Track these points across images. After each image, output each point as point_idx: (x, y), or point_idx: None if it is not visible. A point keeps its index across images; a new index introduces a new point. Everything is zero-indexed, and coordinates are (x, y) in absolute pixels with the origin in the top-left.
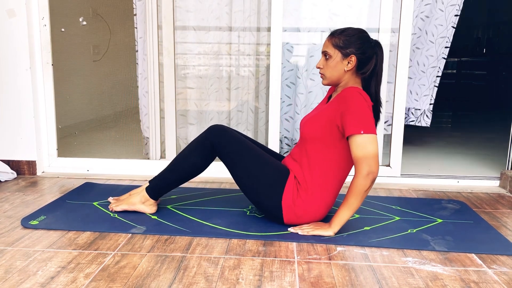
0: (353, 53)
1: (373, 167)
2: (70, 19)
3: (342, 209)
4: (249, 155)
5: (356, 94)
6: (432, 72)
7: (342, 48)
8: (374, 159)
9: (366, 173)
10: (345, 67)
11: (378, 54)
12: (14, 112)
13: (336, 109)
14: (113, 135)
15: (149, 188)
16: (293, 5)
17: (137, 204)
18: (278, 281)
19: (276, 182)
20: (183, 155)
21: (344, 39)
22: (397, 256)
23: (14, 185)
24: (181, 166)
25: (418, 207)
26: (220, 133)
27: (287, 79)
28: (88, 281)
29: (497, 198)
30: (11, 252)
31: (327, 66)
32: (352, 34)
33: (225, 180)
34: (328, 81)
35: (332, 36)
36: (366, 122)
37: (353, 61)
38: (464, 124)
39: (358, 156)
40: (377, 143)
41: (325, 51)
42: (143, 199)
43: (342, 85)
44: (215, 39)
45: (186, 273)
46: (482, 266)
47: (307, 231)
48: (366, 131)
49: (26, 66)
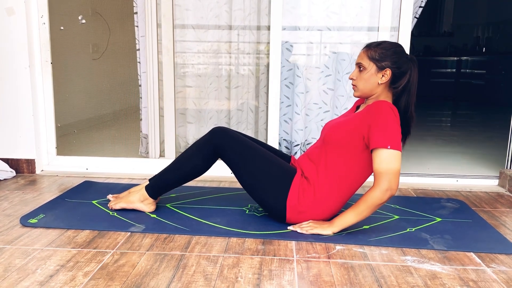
0: (388, 66)
1: (393, 184)
2: (69, 17)
3: (348, 213)
4: (254, 155)
5: (387, 108)
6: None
7: (377, 61)
8: (396, 176)
9: (386, 189)
10: (379, 80)
11: (412, 70)
12: (13, 111)
13: (365, 120)
14: (112, 133)
15: (148, 187)
16: (292, 3)
17: (135, 202)
18: (277, 280)
19: (282, 181)
20: (185, 156)
21: (380, 52)
22: (396, 255)
23: (13, 184)
24: (182, 167)
25: (417, 206)
26: (223, 135)
27: (286, 78)
28: (87, 279)
29: (496, 197)
30: (10, 251)
31: (360, 78)
32: (388, 47)
33: (224, 179)
34: (360, 93)
35: (368, 48)
36: (394, 138)
37: (387, 74)
38: (463, 123)
39: (380, 170)
40: (400, 160)
41: (359, 63)
42: (142, 198)
43: (373, 98)
44: (214, 38)
45: (185, 272)
46: (480, 265)
47: (306, 230)
48: (392, 147)
49: (25, 64)
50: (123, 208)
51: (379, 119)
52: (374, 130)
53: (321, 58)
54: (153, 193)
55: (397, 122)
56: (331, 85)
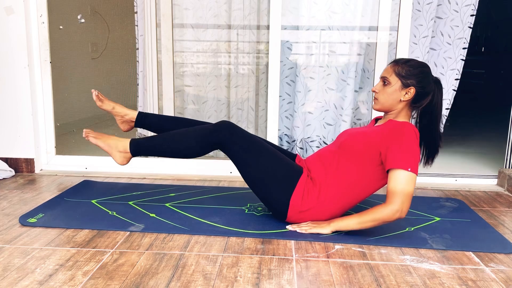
0: (413, 85)
1: (405, 206)
2: (68, 16)
3: (351, 218)
4: (261, 151)
5: (412, 132)
6: (451, 75)
7: (403, 77)
8: (409, 199)
9: (397, 209)
10: (402, 97)
11: (435, 92)
12: (12, 110)
13: (386, 138)
14: (111, 133)
15: (134, 142)
16: (292, 3)
17: (113, 148)
18: (276, 279)
19: (288, 179)
20: (184, 134)
21: (407, 70)
22: (395, 254)
23: (12, 183)
24: (177, 142)
25: (416, 205)
26: (231, 130)
27: (287, 77)
28: (86, 278)
29: (495, 196)
30: (9, 250)
31: (383, 91)
32: (416, 66)
33: (223, 178)
34: (380, 106)
35: (395, 64)
36: (415, 162)
37: (411, 92)
38: (462, 122)
39: (396, 190)
40: (412, 184)
41: (385, 77)
42: (121, 148)
43: (393, 113)
44: (213, 37)
45: (184, 271)
46: (479, 264)
47: (305, 229)
48: (412, 170)
49: (24, 63)
50: (97, 145)
51: (402, 141)
52: (396, 150)
53: (321, 57)
54: (136, 150)
55: (418, 146)
56: (332, 84)
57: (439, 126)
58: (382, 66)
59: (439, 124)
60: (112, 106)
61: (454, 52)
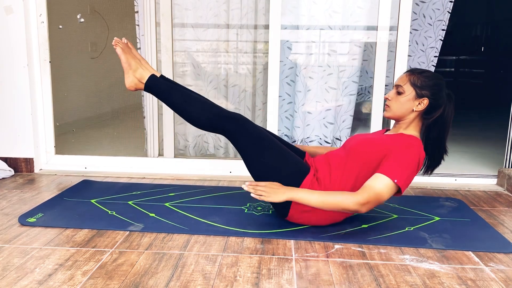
0: (427, 96)
1: (369, 205)
2: (67, 16)
3: (313, 194)
4: (268, 148)
5: (416, 149)
6: (430, 52)
7: (418, 88)
8: (377, 201)
9: (360, 202)
10: (415, 107)
11: (447, 105)
12: (12, 110)
13: (390, 146)
14: (111, 132)
15: (153, 78)
16: (292, 2)
17: (131, 70)
18: (276, 279)
19: (294, 178)
20: (201, 103)
21: (422, 80)
22: (394, 254)
23: (12, 183)
24: (191, 105)
25: (415, 205)
26: (241, 122)
27: (287, 76)
28: (85, 278)
29: (495, 196)
30: (8, 250)
31: (396, 100)
32: (431, 77)
33: (223, 178)
34: (391, 114)
35: (411, 73)
36: (404, 177)
37: (424, 103)
38: (462, 122)
39: (371, 187)
40: (390, 193)
41: (399, 85)
42: (138, 75)
43: (404, 123)
44: (213, 37)
45: (183, 271)
46: (479, 264)
47: (258, 196)
48: (398, 183)
49: (23, 63)
50: (119, 57)
51: (403, 154)
52: (393, 160)
53: (321, 57)
54: (150, 86)
55: (418, 166)
56: (332, 83)
57: (446, 140)
58: (382, 66)
59: (447, 137)
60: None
61: (434, 32)
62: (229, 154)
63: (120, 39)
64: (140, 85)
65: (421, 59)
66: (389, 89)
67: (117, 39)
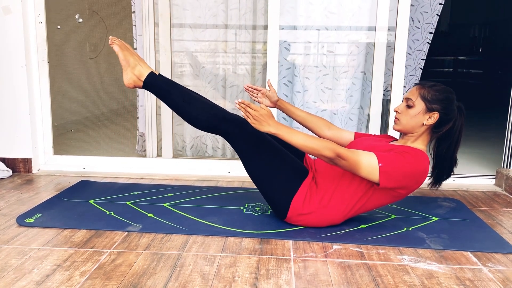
0: (437, 110)
1: (343, 164)
2: (66, 16)
3: (299, 135)
4: (266, 150)
5: (421, 163)
6: (417, 55)
7: (428, 101)
8: (350, 166)
9: (340, 156)
10: (425, 121)
11: (457, 119)
12: (10, 110)
13: (395, 150)
14: (109, 132)
15: (153, 75)
16: (290, 3)
17: (130, 67)
18: (274, 279)
19: (292, 180)
20: (201, 103)
21: (433, 94)
22: (392, 254)
23: (10, 183)
24: (190, 105)
25: (414, 205)
26: (241, 125)
27: (284, 77)
28: (83, 279)
29: (493, 196)
30: (6, 250)
31: (406, 113)
32: (442, 91)
33: (221, 178)
34: (400, 127)
35: (421, 87)
36: (391, 171)
37: (434, 117)
38: None
39: (358, 155)
40: (368, 171)
41: (409, 99)
42: (137, 72)
43: (413, 136)
44: (211, 37)
45: (182, 271)
46: (477, 264)
47: (246, 117)
48: (381, 169)
49: (21, 63)
50: (117, 54)
51: (404, 157)
52: (392, 154)
53: (318, 58)
54: (149, 83)
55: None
56: (329, 84)
57: (456, 153)
58: (380, 66)
59: (457, 150)
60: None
61: (421, 35)
62: (226, 155)
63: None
64: (139, 82)
65: (408, 62)
66: (387, 90)
67: (112, 37)
